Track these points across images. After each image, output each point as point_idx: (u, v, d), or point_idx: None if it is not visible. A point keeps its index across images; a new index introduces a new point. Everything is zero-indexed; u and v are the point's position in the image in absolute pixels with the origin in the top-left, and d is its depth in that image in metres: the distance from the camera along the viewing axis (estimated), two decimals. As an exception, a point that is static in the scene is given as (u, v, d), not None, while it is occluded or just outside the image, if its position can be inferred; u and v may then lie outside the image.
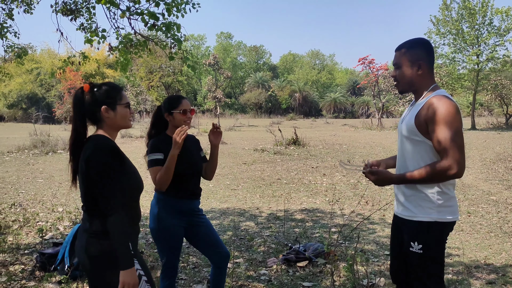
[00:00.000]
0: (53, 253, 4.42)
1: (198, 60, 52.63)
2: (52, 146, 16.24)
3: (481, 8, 26.89)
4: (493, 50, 27.41)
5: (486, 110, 42.77)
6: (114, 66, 9.76)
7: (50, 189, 9.14)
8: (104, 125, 2.17)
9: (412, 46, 2.45)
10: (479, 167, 11.53)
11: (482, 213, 6.86)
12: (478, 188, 8.86)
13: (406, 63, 2.44)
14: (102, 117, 2.15)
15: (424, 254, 2.34)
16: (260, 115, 58.84)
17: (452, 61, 28.98)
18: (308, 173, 11.27)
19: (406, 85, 2.48)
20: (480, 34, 27.74)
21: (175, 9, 5.23)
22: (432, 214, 2.33)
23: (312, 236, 5.69)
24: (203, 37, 78.73)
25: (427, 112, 2.29)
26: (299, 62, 79.95)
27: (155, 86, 56.68)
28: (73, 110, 2.15)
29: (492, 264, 4.60)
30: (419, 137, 2.33)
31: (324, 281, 4.12)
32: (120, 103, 2.18)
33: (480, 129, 27.51)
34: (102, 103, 2.14)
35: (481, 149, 15.54)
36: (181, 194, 2.97)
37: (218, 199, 8.35)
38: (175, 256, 3.01)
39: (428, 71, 2.44)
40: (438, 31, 28.65)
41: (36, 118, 36.04)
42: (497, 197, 7.95)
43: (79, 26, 6.07)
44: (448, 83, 29.74)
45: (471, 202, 7.62)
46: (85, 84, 2.18)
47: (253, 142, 19.59)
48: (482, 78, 28.39)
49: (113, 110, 2.16)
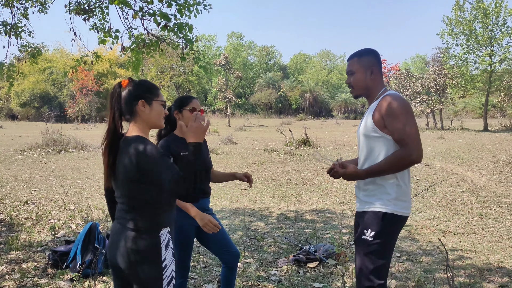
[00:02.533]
0: (65, 251, 4.46)
1: (209, 61, 52.74)
2: (64, 144, 16.38)
3: (495, 8, 26.60)
4: (507, 51, 27.09)
5: (498, 111, 42.28)
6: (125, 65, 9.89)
7: (62, 187, 9.23)
8: (138, 120, 2.14)
9: (362, 54, 2.67)
10: (492, 169, 11.41)
11: (495, 216, 6.78)
12: (490, 190, 8.77)
13: (359, 70, 2.64)
14: (137, 111, 2.13)
15: (374, 242, 2.45)
16: (270, 115, 58.82)
17: (464, 62, 28.71)
18: (319, 174, 11.24)
19: (361, 90, 2.68)
20: (493, 35, 27.43)
21: (187, 10, 5.26)
22: (389, 205, 2.47)
23: (322, 237, 5.68)
24: (214, 37, 78.91)
25: (382, 108, 2.48)
26: (310, 63, 79.77)
27: (166, 85, 56.94)
28: (110, 105, 2.13)
29: (505, 267, 4.55)
30: (378, 133, 2.50)
31: (334, 282, 4.11)
32: (157, 100, 2.18)
33: (492, 130, 27.20)
34: (140, 97, 2.13)
35: (494, 151, 15.36)
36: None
37: (228, 199, 8.36)
38: (186, 255, 3.02)
39: (379, 76, 2.67)
40: (451, 31, 28.40)
41: (49, 117, 36.31)
42: (510, 200, 7.86)
43: (92, 26, 6.13)
44: (460, 84, 29.48)
45: (483, 205, 7.54)
46: (123, 80, 2.17)
47: (263, 142, 19.59)
48: (495, 79, 28.09)
49: (149, 105, 2.14)
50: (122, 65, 48.71)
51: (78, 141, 16.68)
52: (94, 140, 18.28)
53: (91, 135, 22.25)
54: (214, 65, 45.18)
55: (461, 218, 6.68)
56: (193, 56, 5.60)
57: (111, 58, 44.17)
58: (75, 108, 46.43)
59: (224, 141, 19.41)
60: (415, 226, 6.22)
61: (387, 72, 34.07)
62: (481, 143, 18.16)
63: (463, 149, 16.27)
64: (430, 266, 4.58)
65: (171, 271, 2.11)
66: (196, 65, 5.78)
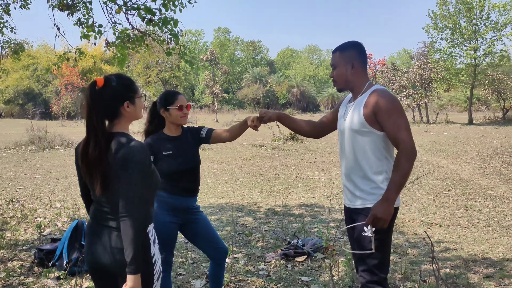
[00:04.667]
0: (52, 249, 4.41)
1: (196, 55, 52.45)
2: (49, 142, 16.18)
3: (478, 2, 26.87)
4: (491, 45, 27.41)
5: (483, 105, 42.75)
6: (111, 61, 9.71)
7: (47, 185, 9.13)
8: (122, 119, 2.08)
9: (345, 48, 2.66)
10: (476, 161, 11.56)
11: (480, 208, 6.88)
12: (475, 182, 8.89)
13: (341, 64, 2.64)
14: (122, 112, 2.06)
15: (375, 238, 2.44)
16: (258, 110, 58.72)
17: (449, 56, 28.98)
18: (306, 168, 11.28)
19: (342, 83, 2.68)
20: (477, 28, 27.74)
21: (171, 4, 5.21)
22: None
23: (310, 231, 5.70)
24: (201, 33, 78.46)
25: (372, 104, 2.46)
26: (297, 58, 79.81)
27: (152, 81, 56.53)
28: (89, 107, 1.97)
29: (490, 258, 4.62)
30: (367, 128, 2.49)
31: (322, 276, 4.13)
32: (138, 96, 2.13)
33: (477, 123, 27.55)
34: (125, 99, 2.05)
35: (478, 144, 15.57)
36: (176, 191, 2.96)
37: (216, 194, 8.35)
38: (168, 251, 3.00)
39: (362, 70, 2.64)
40: (436, 25, 28.64)
41: (33, 114, 35.81)
42: (494, 192, 7.97)
43: (76, 21, 6.03)
44: (445, 78, 29.78)
45: (468, 197, 7.64)
46: (98, 78, 2.03)
47: (251, 138, 19.56)
48: (479, 72, 28.41)
49: (133, 104, 2.09)
50: (108, 61, 48.22)
51: (64, 138, 16.49)
52: (80, 137, 18.02)
53: (76, 132, 22.01)
54: (201, 60, 44.94)
55: (446, 211, 6.76)
56: (179, 51, 5.56)
57: (96, 54, 43.66)
58: (60, 105, 45.81)
59: (211, 137, 19.32)
60: (402, 219, 6.28)
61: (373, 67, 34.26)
62: (466, 136, 18.40)
63: (449, 142, 16.47)
64: (417, 258, 4.63)
65: (159, 266, 2.10)
66: (183, 60, 5.74)
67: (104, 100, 2.01)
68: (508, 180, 8.98)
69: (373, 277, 2.47)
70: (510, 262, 4.46)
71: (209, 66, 47.03)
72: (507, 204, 7.04)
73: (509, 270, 4.22)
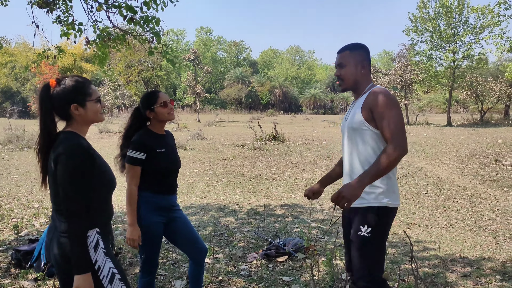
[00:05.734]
0: (29, 250, 4.33)
1: (178, 55, 52.15)
2: (27, 141, 15.89)
3: (458, 6, 27.38)
4: (469, 48, 27.96)
5: (461, 106, 43.54)
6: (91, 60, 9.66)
7: (25, 185, 8.96)
8: (74, 122, 2.07)
9: (354, 48, 2.65)
10: (455, 162, 11.77)
11: (458, 208, 7.00)
12: (453, 183, 9.04)
13: (351, 63, 2.62)
14: (71, 114, 2.05)
15: (371, 237, 2.46)
16: (240, 110, 58.76)
17: (429, 59, 29.46)
18: (288, 169, 11.31)
19: (350, 83, 2.65)
20: (456, 32, 28.25)
21: (153, 2, 5.17)
22: (382, 199, 2.49)
23: (291, 231, 5.72)
24: (183, 32, 78.06)
25: (370, 101, 2.49)
26: (279, 58, 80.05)
27: (133, 80, 55.99)
28: (40, 108, 2.01)
29: (467, 257, 4.70)
30: (366, 127, 2.51)
31: (303, 276, 4.15)
32: (90, 99, 2.08)
33: (455, 125, 28.03)
34: (71, 101, 2.03)
35: (457, 145, 15.85)
36: (161, 190, 2.95)
37: (198, 194, 8.31)
38: (154, 253, 2.98)
39: (368, 72, 2.66)
40: (416, 28, 29.06)
41: (11, 112, 35.12)
42: (471, 192, 8.13)
43: (55, 19, 5.93)
44: (425, 80, 30.23)
45: (447, 197, 7.77)
46: (51, 79, 2.06)
47: (233, 138, 19.55)
48: (458, 75, 28.94)
49: (83, 107, 2.06)
50: (88, 60, 47.58)
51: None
52: (59, 136, 17.78)
53: (56, 131, 21.63)
54: (183, 60, 44.71)
55: (425, 211, 6.87)
56: (160, 50, 5.52)
57: (76, 52, 43.01)
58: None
59: (193, 137, 19.26)
60: (382, 219, 6.33)
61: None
62: (444, 138, 18.71)
63: (428, 143, 16.73)
64: (396, 257, 4.69)
65: (108, 269, 2.05)
66: (165, 59, 5.70)
67: (52, 101, 2.03)
68: (485, 181, 9.16)
69: (370, 276, 2.49)
70: (487, 261, 4.55)
71: (191, 65, 46.90)
72: (484, 204, 7.18)
73: (485, 269, 4.30)
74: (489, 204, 7.17)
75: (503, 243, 5.18)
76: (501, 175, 9.61)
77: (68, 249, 1.95)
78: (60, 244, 1.99)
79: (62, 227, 1.98)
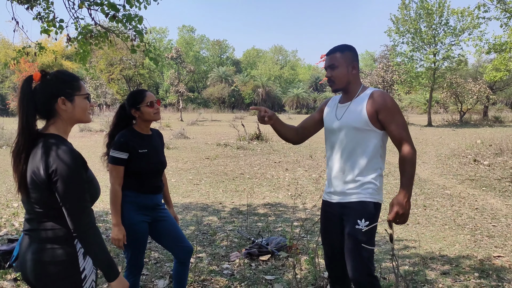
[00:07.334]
0: (8, 249, 4.26)
1: (161, 53, 51.80)
2: (6, 139, 15.61)
3: (438, 8, 27.80)
4: (449, 50, 28.44)
5: (441, 107, 44.25)
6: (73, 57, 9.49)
7: (4, 184, 8.79)
8: (58, 120, 1.86)
9: (344, 49, 2.70)
10: (435, 162, 11.95)
11: (437, 207, 7.11)
12: (433, 182, 9.19)
13: (342, 64, 2.67)
14: (57, 110, 1.84)
15: (367, 231, 2.55)
16: (223, 109, 58.65)
17: (410, 60, 29.87)
18: (271, 168, 11.34)
19: (342, 84, 2.70)
20: (437, 33, 28.71)
21: (136, 0, 5.12)
22: (376, 195, 2.61)
23: (274, 230, 5.74)
24: (165, 30, 77.61)
25: (377, 103, 2.57)
26: (263, 58, 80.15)
27: (115, 79, 55.41)
28: (21, 104, 1.78)
29: (447, 256, 4.79)
30: (369, 127, 2.59)
31: (286, 274, 4.17)
32: (79, 94, 1.89)
33: (436, 125, 28.47)
34: (59, 94, 1.83)
35: (437, 145, 16.10)
36: (145, 190, 2.93)
37: (180, 193, 8.28)
38: (139, 253, 2.96)
39: (358, 72, 2.75)
40: (398, 29, 29.42)
41: (-11, 110, 34.52)
42: (451, 191, 8.27)
43: (36, 15, 5.84)
44: (406, 81, 30.64)
45: (427, 196, 7.89)
46: (35, 72, 1.83)
47: (216, 137, 19.51)
48: (438, 76, 29.41)
49: (71, 102, 1.86)
50: (69, 57, 46.91)
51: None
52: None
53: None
54: (166, 58, 44.40)
55: (406, 209, 6.95)
56: (143, 48, 5.48)
57: (57, 49, 42.38)
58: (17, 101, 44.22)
59: (176, 136, 19.17)
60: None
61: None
62: (425, 138, 18.99)
63: (409, 143, 16.91)
64: (377, 256, 4.74)
65: (91, 282, 1.90)
66: (147, 57, 5.66)
67: (37, 95, 1.83)
68: (464, 180, 9.33)
69: (366, 270, 2.56)
70: (465, 259, 4.64)
71: (174, 64, 46.57)
72: (463, 203, 7.31)
73: (464, 267, 4.38)
74: (468, 203, 7.30)
75: (481, 241, 5.29)
76: (479, 175, 9.79)
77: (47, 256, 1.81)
78: (39, 252, 1.83)
79: (47, 233, 1.82)
